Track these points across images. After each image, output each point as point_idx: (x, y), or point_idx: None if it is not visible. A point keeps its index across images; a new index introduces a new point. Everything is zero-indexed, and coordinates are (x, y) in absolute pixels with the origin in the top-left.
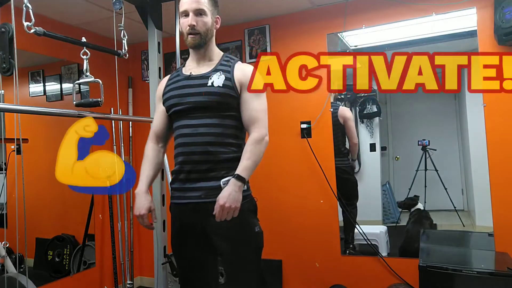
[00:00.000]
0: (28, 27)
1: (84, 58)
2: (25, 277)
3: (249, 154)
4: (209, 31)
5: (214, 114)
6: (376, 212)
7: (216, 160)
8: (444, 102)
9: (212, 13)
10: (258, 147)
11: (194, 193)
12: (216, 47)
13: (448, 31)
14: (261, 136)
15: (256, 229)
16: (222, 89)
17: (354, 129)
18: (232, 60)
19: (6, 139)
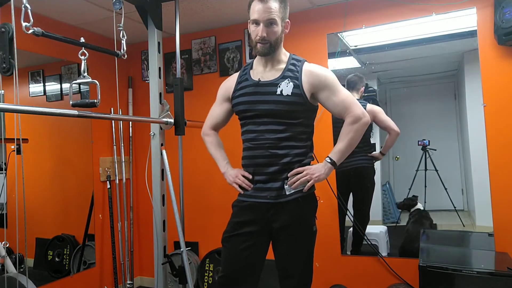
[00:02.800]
0: (26, 27)
1: (82, 59)
2: (25, 277)
3: (343, 137)
4: (278, 39)
5: (281, 121)
6: (376, 212)
7: (279, 162)
8: (444, 102)
9: (283, 19)
10: (351, 128)
11: (263, 193)
12: (283, 49)
13: (448, 31)
14: (355, 117)
15: (314, 229)
16: (291, 97)
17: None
18: (298, 63)
19: (6, 139)
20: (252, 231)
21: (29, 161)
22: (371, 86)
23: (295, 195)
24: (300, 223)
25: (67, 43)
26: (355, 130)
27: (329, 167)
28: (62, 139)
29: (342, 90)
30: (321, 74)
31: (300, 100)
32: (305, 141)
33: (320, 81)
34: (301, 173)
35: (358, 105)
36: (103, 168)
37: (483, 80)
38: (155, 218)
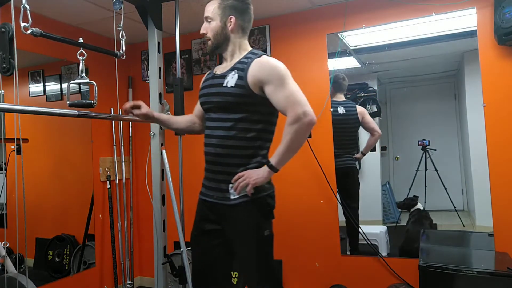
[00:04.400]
0: (25, 28)
1: (81, 59)
2: (25, 277)
3: (282, 138)
4: (218, 35)
5: (229, 117)
6: (376, 212)
7: (222, 162)
8: (444, 102)
9: (222, 16)
10: (289, 129)
11: (211, 193)
12: (243, 45)
13: (448, 31)
14: (295, 116)
15: (266, 233)
16: (234, 89)
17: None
18: (253, 56)
19: (6, 139)
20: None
21: (29, 161)
22: (371, 86)
23: (240, 200)
24: (248, 229)
25: (66, 43)
26: (294, 132)
27: (268, 171)
28: (62, 139)
29: (290, 85)
30: (268, 66)
31: (243, 91)
32: (253, 141)
33: (266, 73)
34: (241, 177)
35: (302, 103)
36: (103, 168)
37: (483, 80)
38: (155, 218)
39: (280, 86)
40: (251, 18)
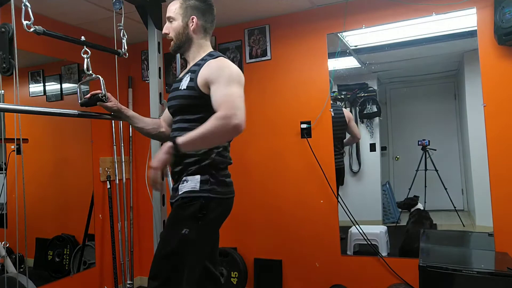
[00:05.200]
0: (27, 26)
1: (85, 57)
2: (25, 277)
3: (202, 125)
4: (180, 35)
5: (186, 118)
6: (376, 212)
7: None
8: (444, 102)
9: (184, 16)
10: (211, 122)
11: (172, 194)
12: (204, 46)
13: (448, 31)
14: (225, 114)
15: (184, 231)
16: (186, 91)
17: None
18: (208, 58)
19: (6, 139)
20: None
21: (29, 161)
22: (371, 86)
23: (180, 196)
24: (169, 221)
25: (68, 41)
26: (216, 126)
27: (169, 146)
28: (62, 139)
29: (234, 88)
30: (220, 66)
31: (194, 93)
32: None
33: (215, 73)
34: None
35: (238, 107)
36: (103, 168)
37: (483, 80)
38: (155, 218)
39: (224, 85)
40: (214, 19)
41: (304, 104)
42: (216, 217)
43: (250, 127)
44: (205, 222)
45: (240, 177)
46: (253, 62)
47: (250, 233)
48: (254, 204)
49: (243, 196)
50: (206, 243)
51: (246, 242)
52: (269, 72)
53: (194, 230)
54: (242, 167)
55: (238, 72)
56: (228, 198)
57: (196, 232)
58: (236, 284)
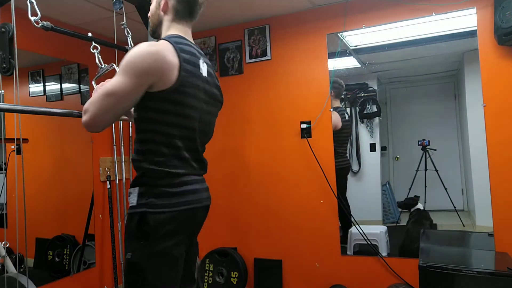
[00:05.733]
0: (35, 21)
1: (95, 52)
2: (25, 277)
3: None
4: (153, 16)
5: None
6: (376, 212)
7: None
8: (444, 102)
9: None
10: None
11: None
12: (168, 31)
13: (448, 31)
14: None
15: (127, 256)
16: None
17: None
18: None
19: (6, 139)
20: None
21: (29, 161)
22: (371, 86)
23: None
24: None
25: (76, 37)
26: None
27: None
28: (62, 139)
29: (115, 77)
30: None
31: None
32: (138, 143)
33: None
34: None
35: (90, 104)
36: (103, 168)
37: (483, 80)
38: None
39: (115, 75)
40: (188, 1)
41: (304, 104)
42: (167, 234)
43: (250, 127)
44: (150, 242)
45: (240, 177)
46: (253, 62)
47: (250, 233)
48: (254, 204)
49: (243, 196)
50: (160, 264)
51: (246, 242)
52: (269, 72)
53: (138, 252)
54: (242, 167)
55: (134, 60)
56: (183, 210)
57: (140, 255)
58: (236, 284)
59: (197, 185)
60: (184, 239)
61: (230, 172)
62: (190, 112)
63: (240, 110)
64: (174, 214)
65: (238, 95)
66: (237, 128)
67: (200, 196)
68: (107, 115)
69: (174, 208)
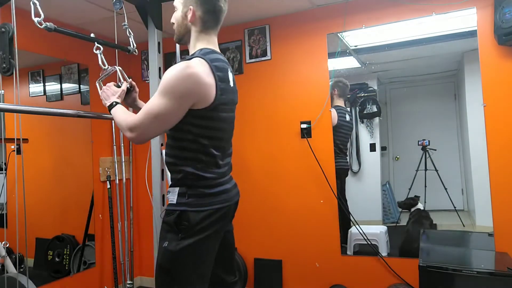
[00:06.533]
0: (39, 22)
1: (98, 53)
2: (25, 277)
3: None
4: (180, 26)
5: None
6: (376, 212)
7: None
8: (444, 102)
9: (184, 5)
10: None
11: None
12: (198, 42)
13: (448, 31)
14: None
15: (164, 244)
16: None
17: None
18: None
19: (6, 139)
20: None
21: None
22: (371, 86)
23: (166, 208)
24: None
25: (79, 38)
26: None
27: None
28: (62, 139)
29: (157, 99)
30: (164, 74)
31: None
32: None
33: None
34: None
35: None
36: (103, 168)
37: (483, 80)
38: (155, 218)
39: (155, 96)
40: (216, 11)
41: (304, 104)
42: (202, 229)
43: (250, 127)
44: (187, 236)
45: (240, 176)
46: (253, 62)
47: (250, 233)
48: (254, 204)
49: (243, 196)
50: (192, 255)
51: (246, 242)
52: (269, 72)
53: (174, 242)
54: (242, 167)
55: (177, 83)
56: (218, 209)
57: (176, 245)
58: None
59: (228, 185)
60: (215, 233)
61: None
62: (222, 125)
63: (240, 110)
64: (209, 212)
65: (238, 95)
66: (237, 128)
67: (231, 195)
68: (153, 133)
69: (210, 207)
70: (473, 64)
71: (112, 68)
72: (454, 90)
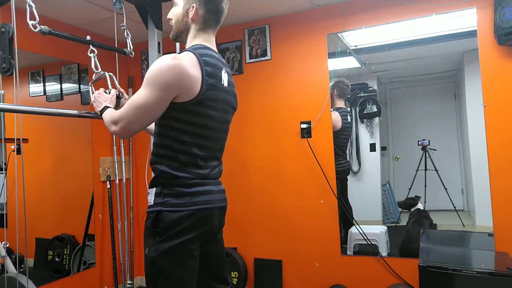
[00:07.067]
0: (33, 25)
1: (92, 56)
2: (25, 277)
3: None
4: (179, 23)
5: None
6: (376, 212)
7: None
8: (444, 102)
9: (186, 1)
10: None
11: None
12: (194, 39)
13: (448, 31)
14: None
15: (146, 252)
16: None
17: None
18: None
19: (6, 139)
20: None
21: (29, 161)
22: (371, 86)
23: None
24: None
25: (74, 41)
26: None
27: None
28: (62, 139)
29: (142, 90)
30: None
31: None
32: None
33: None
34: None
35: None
36: (103, 168)
37: (483, 80)
38: None
39: (141, 88)
40: (218, 11)
41: (304, 104)
42: (180, 232)
43: (250, 127)
44: (165, 238)
45: (240, 176)
46: (253, 62)
47: (250, 233)
48: (254, 204)
49: (243, 196)
50: (173, 260)
51: (246, 242)
52: (269, 72)
53: (153, 248)
54: (242, 167)
55: (158, 74)
56: (197, 210)
57: (154, 250)
58: (236, 284)
59: (211, 187)
60: (197, 238)
61: (230, 172)
62: (208, 122)
63: (240, 110)
64: (187, 213)
65: (238, 95)
66: (237, 128)
67: (215, 198)
68: (136, 125)
69: (188, 208)
70: (473, 64)
71: (101, 73)
72: (454, 90)
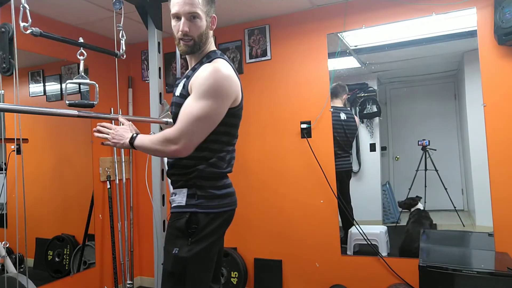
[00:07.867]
0: (24, 27)
1: (81, 59)
2: (25, 277)
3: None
4: (203, 35)
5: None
6: (376, 212)
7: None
8: (444, 102)
9: (207, 14)
10: (155, 141)
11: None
12: (210, 48)
13: (448, 31)
14: (166, 137)
15: (174, 251)
16: (178, 98)
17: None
18: (204, 61)
19: (6, 139)
20: None
21: (29, 161)
22: (371, 86)
23: (172, 210)
24: (165, 239)
25: (66, 43)
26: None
27: (127, 144)
28: (62, 139)
29: (200, 102)
30: (201, 73)
31: (184, 101)
32: (197, 151)
33: (195, 81)
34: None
35: (182, 131)
36: (103, 168)
37: (483, 80)
38: (155, 218)
39: (194, 99)
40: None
41: (304, 104)
42: (210, 233)
43: (250, 127)
44: (197, 239)
45: (240, 177)
46: (253, 62)
47: (250, 233)
48: (254, 204)
49: (243, 196)
50: (203, 261)
51: (246, 242)
52: (269, 72)
53: (185, 248)
54: (242, 167)
55: (219, 84)
56: (224, 212)
57: (187, 250)
58: (236, 284)
59: (232, 189)
60: (219, 239)
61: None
62: (238, 123)
63: None
64: (216, 215)
65: None
66: None
67: (235, 199)
68: (199, 139)
69: (221, 209)
70: (473, 64)
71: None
72: (454, 90)
